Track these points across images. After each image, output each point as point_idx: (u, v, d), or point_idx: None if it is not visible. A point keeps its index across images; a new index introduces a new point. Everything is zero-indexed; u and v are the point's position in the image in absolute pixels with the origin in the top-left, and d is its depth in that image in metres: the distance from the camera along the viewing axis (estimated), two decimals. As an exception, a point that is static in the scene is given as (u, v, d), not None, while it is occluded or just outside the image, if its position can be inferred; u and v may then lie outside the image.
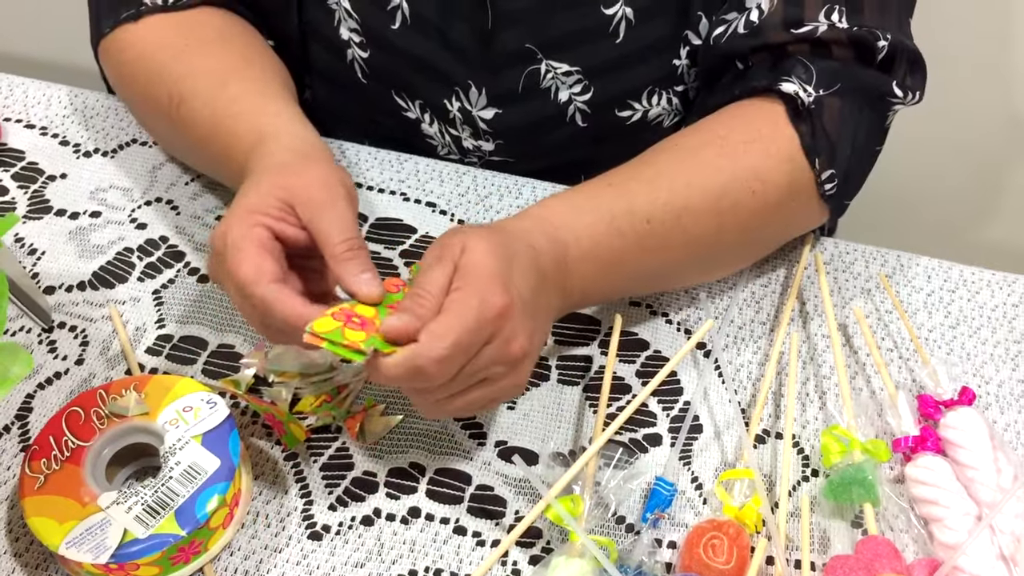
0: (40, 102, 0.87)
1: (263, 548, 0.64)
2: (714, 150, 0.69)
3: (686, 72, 0.80)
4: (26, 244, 0.78)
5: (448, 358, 0.56)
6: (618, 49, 0.77)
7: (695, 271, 0.74)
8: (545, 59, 0.77)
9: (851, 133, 0.71)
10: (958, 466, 0.67)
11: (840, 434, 0.67)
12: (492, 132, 0.82)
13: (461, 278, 0.58)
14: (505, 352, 0.59)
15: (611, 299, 0.75)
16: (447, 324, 0.56)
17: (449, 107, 0.81)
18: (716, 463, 0.69)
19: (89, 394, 0.65)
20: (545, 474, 0.67)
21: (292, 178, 0.62)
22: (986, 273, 0.80)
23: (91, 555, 0.59)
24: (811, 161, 0.70)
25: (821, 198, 0.72)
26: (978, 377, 0.74)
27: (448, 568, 0.64)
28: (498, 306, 0.57)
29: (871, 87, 0.72)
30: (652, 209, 0.67)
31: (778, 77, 0.70)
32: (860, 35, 0.70)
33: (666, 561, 0.64)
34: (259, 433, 0.69)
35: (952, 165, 1.30)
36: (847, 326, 0.76)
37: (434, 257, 0.60)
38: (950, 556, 0.62)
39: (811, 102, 0.69)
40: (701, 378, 0.73)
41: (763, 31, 0.72)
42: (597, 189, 0.68)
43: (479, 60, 0.78)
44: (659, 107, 0.81)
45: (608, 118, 0.81)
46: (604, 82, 0.79)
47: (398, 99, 0.83)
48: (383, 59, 0.81)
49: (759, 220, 0.71)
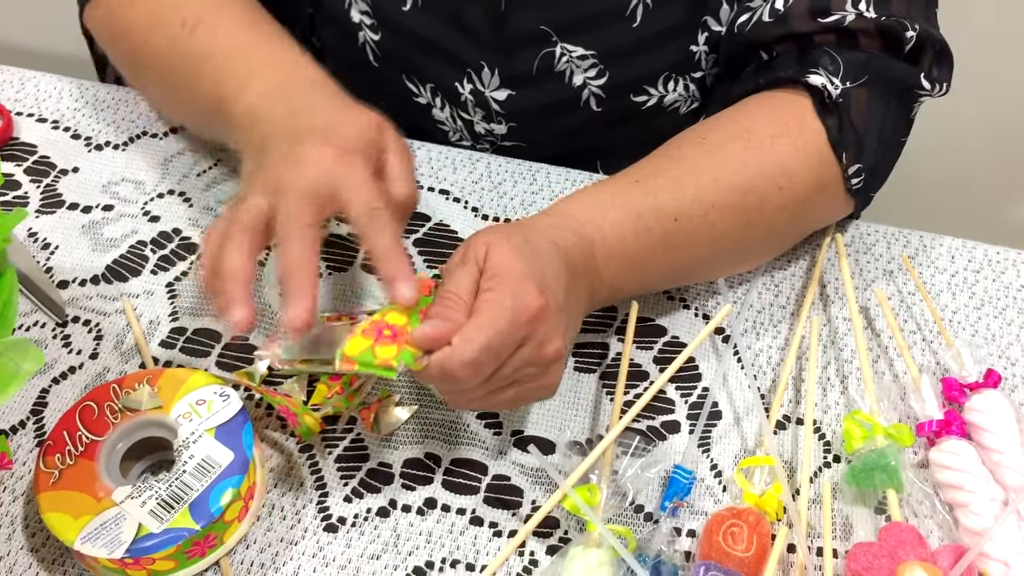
0: (51, 96, 0.87)
1: (279, 541, 0.64)
2: (741, 144, 0.68)
3: (704, 58, 0.78)
4: (39, 238, 0.78)
5: (479, 362, 0.55)
6: (634, 33, 0.76)
7: (722, 265, 0.73)
8: (560, 42, 0.76)
9: (878, 126, 0.70)
10: (984, 450, 0.65)
11: (862, 419, 0.66)
12: (505, 114, 0.81)
13: (491, 279, 0.57)
14: (540, 354, 0.58)
15: (639, 294, 0.74)
16: (478, 327, 0.55)
17: (461, 89, 0.80)
18: (736, 450, 0.68)
19: (103, 388, 0.65)
20: (562, 463, 0.66)
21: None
22: (1011, 252, 0.78)
23: (106, 550, 0.59)
24: (838, 156, 0.69)
25: (848, 192, 0.71)
26: (1004, 359, 0.73)
27: (465, 559, 0.63)
28: (533, 308, 0.56)
29: (898, 79, 0.70)
30: (679, 206, 0.66)
31: (805, 68, 0.69)
32: (888, 25, 0.69)
33: (685, 550, 0.63)
34: (273, 425, 0.69)
35: (975, 144, 1.28)
36: (869, 309, 0.75)
37: (457, 260, 0.59)
38: (976, 542, 0.61)
39: (838, 95, 0.68)
40: (720, 364, 0.72)
41: (789, 19, 0.70)
42: (623, 186, 0.67)
43: (492, 42, 0.77)
44: (675, 93, 0.80)
45: (623, 103, 0.80)
46: (620, 67, 0.78)
47: (409, 84, 0.82)
48: (394, 41, 0.80)
49: (786, 215, 0.70)
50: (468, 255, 0.58)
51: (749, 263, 0.75)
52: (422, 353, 0.56)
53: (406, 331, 0.57)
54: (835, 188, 0.71)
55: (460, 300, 0.56)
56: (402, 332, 0.57)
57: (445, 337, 0.55)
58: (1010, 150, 1.29)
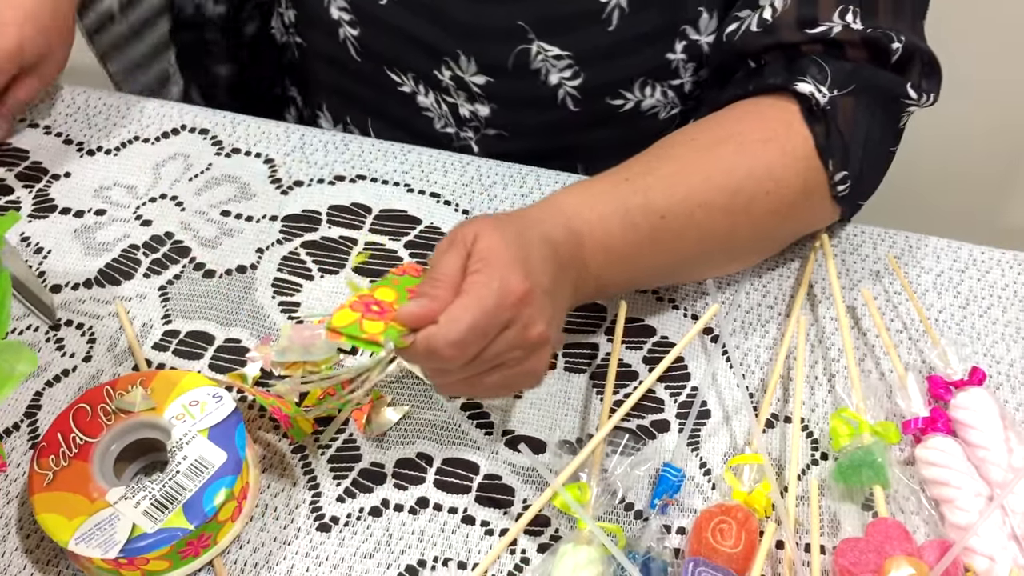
0: (43, 100, 0.87)
1: (272, 540, 0.64)
2: (731, 147, 0.69)
3: (681, 67, 0.79)
4: (32, 243, 0.78)
5: (464, 341, 0.56)
6: (610, 37, 0.76)
7: (710, 266, 0.74)
8: (536, 39, 0.77)
9: (863, 134, 0.71)
10: (969, 447, 0.66)
11: (849, 417, 0.67)
12: (486, 96, 0.82)
13: (479, 262, 0.58)
14: (524, 337, 0.59)
15: (626, 290, 0.74)
16: (464, 306, 0.56)
17: (440, 76, 0.81)
18: (725, 448, 0.69)
19: (96, 391, 0.65)
20: (552, 462, 0.67)
21: None
22: (996, 252, 0.79)
23: (100, 550, 0.59)
24: (824, 162, 0.70)
25: (834, 199, 0.72)
26: (988, 357, 0.73)
27: (457, 557, 0.64)
28: (519, 291, 0.57)
29: (885, 88, 0.71)
30: (668, 204, 0.67)
31: (793, 76, 0.70)
32: (874, 36, 0.69)
33: (675, 547, 0.64)
34: (266, 427, 0.69)
35: (961, 145, 1.29)
36: (855, 308, 0.76)
37: (445, 244, 0.60)
38: (961, 537, 0.61)
39: (826, 103, 0.69)
40: (709, 363, 0.72)
41: (777, 30, 0.71)
42: (613, 184, 0.68)
43: (469, 35, 0.78)
44: (652, 99, 0.80)
45: (600, 105, 0.81)
46: (595, 69, 0.78)
47: (391, 74, 0.83)
48: (373, 36, 0.81)
49: (773, 219, 0.71)
50: (456, 239, 0.59)
51: (736, 265, 0.76)
52: (408, 331, 0.56)
53: (393, 308, 0.57)
54: (821, 194, 0.72)
55: (447, 280, 0.57)
56: (389, 309, 0.57)
57: (431, 316, 0.56)
58: (995, 152, 1.30)
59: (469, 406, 0.70)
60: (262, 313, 0.74)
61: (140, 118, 0.86)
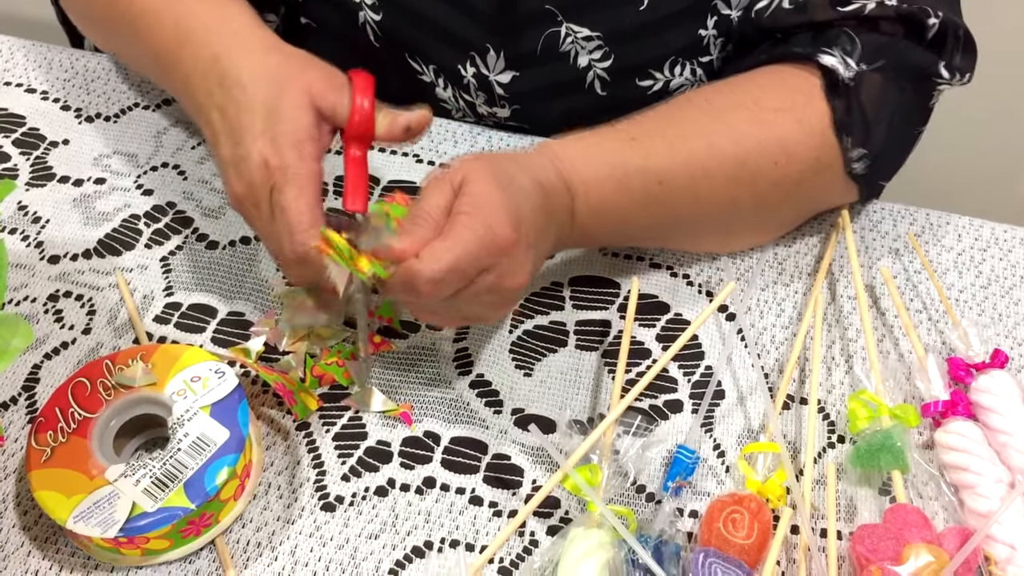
0: (40, 65, 0.85)
1: (275, 520, 0.63)
2: (744, 114, 0.68)
3: (712, 42, 0.77)
4: (30, 212, 0.76)
5: (444, 281, 0.57)
6: (642, 16, 0.74)
7: (708, 236, 0.73)
8: (566, 22, 0.75)
9: (889, 112, 0.69)
10: (990, 431, 0.65)
11: (867, 399, 0.65)
12: (508, 98, 0.80)
13: (469, 204, 0.58)
14: (500, 284, 0.59)
15: (610, 244, 0.75)
16: (447, 247, 0.57)
17: (463, 72, 0.79)
18: (739, 430, 0.67)
19: (95, 364, 0.64)
20: (563, 442, 0.65)
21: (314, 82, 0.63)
22: (1019, 230, 0.77)
23: (99, 529, 0.58)
24: (840, 137, 0.68)
25: (849, 176, 0.70)
26: (1011, 339, 0.72)
27: (464, 539, 0.62)
28: (505, 241, 0.58)
29: (916, 65, 0.69)
30: (669, 167, 0.66)
31: (818, 48, 0.68)
32: (910, 11, 0.68)
33: (688, 531, 0.63)
34: (270, 403, 0.68)
35: (983, 120, 1.27)
36: (874, 287, 0.74)
37: (431, 180, 0.60)
38: (982, 524, 0.60)
39: (850, 77, 0.67)
40: (724, 342, 0.71)
41: (809, 7, 0.70)
42: (618, 142, 0.67)
43: (497, 23, 0.76)
44: (681, 77, 0.78)
45: (628, 87, 0.79)
46: (626, 49, 0.76)
47: (412, 62, 0.81)
48: (397, 22, 0.78)
49: (778, 193, 0.69)
50: (445, 177, 0.60)
51: (740, 237, 0.75)
52: (390, 262, 0.58)
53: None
54: (835, 170, 0.70)
55: (430, 218, 0.58)
56: None
57: (410, 253, 0.57)
58: (1019, 127, 1.27)
59: (478, 383, 0.69)
60: (266, 286, 0.73)
61: (140, 84, 0.84)
